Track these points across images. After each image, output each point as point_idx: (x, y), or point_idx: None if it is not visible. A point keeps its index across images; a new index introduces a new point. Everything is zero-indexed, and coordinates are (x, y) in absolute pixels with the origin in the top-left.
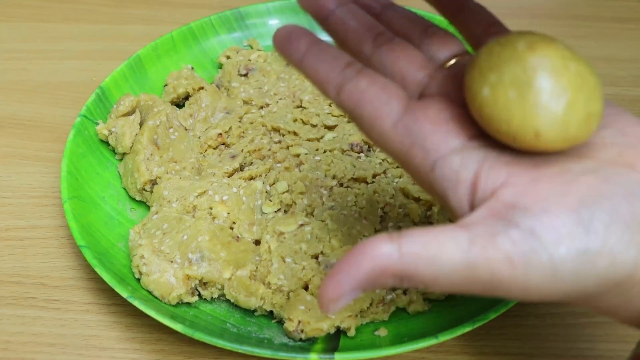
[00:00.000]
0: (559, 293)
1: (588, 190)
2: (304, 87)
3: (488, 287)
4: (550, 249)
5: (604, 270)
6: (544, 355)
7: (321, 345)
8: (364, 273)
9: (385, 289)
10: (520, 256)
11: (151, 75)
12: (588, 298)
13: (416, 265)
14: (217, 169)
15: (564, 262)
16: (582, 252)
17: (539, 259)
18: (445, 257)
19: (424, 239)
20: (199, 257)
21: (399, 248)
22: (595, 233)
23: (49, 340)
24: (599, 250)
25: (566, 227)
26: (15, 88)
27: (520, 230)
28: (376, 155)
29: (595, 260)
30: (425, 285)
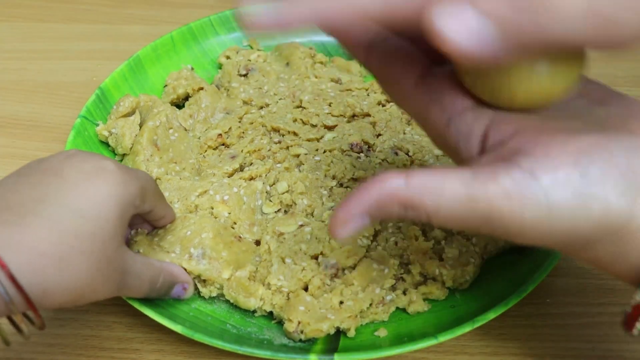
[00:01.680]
0: (555, 235)
1: (588, 142)
2: (303, 87)
3: (486, 221)
4: (547, 189)
5: (598, 216)
6: (544, 355)
7: (321, 345)
8: (373, 198)
9: (391, 218)
10: (518, 192)
11: (151, 75)
12: (584, 246)
13: (421, 195)
14: (217, 169)
15: (559, 203)
16: (578, 195)
17: (535, 197)
18: (449, 189)
19: (430, 173)
20: (200, 254)
21: (407, 179)
22: (592, 179)
23: (49, 340)
24: (594, 194)
25: (564, 171)
26: (15, 88)
27: (521, 170)
28: (376, 156)
29: (590, 204)
30: (428, 216)
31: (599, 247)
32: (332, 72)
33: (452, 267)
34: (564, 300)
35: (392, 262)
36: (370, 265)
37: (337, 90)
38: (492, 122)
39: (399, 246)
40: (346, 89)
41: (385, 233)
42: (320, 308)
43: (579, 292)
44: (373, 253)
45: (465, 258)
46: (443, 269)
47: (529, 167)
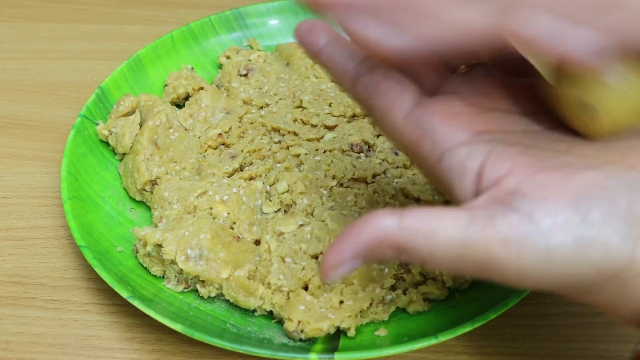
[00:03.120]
0: (554, 280)
1: (588, 182)
2: (304, 87)
3: (483, 267)
4: (546, 234)
5: (599, 260)
6: (544, 355)
7: (321, 345)
8: (365, 241)
9: (384, 262)
10: (516, 238)
11: (151, 75)
12: (585, 290)
13: (415, 239)
14: (217, 169)
15: (559, 248)
16: (578, 239)
17: (534, 242)
18: (444, 233)
19: (424, 215)
20: (197, 255)
21: (400, 221)
22: (592, 222)
23: (49, 341)
24: (594, 239)
25: (563, 215)
26: (15, 88)
27: (518, 214)
28: (376, 156)
29: (590, 248)
30: (422, 261)
31: (600, 291)
32: None
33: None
34: (564, 300)
35: (392, 262)
36: (370, 265)
37: (338, 91)
38: (487, 158)
39: None
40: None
41: None
42: (321, 307)
43: None
44: None
45: None
46: None
47: (526, 211)
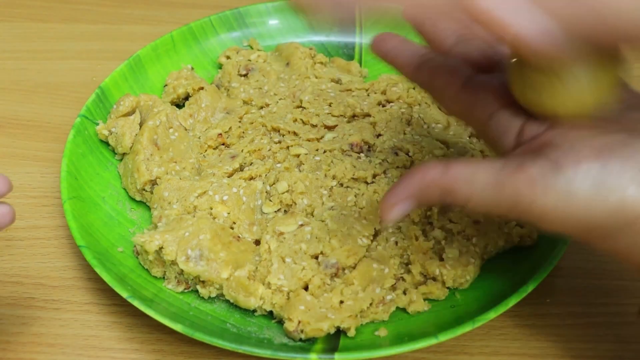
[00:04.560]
0: (574, 222)
1: (613, 140)
2: (304, 87)
3: (513, 206)
4: (567, 177)
5: (614, 206)
6: (544, 355)
7: (321, 345)
8: (416, 183)
9: (433, 204)
10: (541, 179)
11: (151, 75)
12: (603, 235)
13: (456, 181)
14: (217, 169)
15: (578, 191)
16: (596, 185)
17: (556, 184)
18: (481, 176)
19: (467, 162)
20: (197, 255)
21: (445, 167)
22: (610, 171)
23: (49, 341)
24: (611, 185)
25: (586, 162)
26: (15, 88)
27: (547, 159)
28: (376, 156)
29: (607, 193)
30: (463, 201)
31: (618, 238)
32: (332, 73)
33: (453, 267)
34: (564, 300)
35: (392, 262)
36: (371, 265)
37: (337, 91)
38: (528, 119)
39: (399, 246)
40: (346, 89)
41: (386, 233)
42: (321, 307)
43: (579, 292)
44: (373, 253)
45: (466, 258)
46: (443, 269)
47: (554, 158)
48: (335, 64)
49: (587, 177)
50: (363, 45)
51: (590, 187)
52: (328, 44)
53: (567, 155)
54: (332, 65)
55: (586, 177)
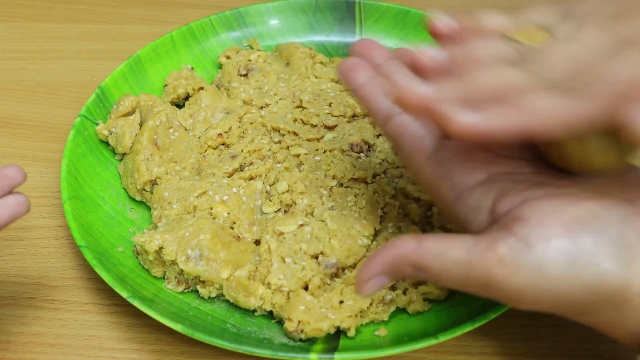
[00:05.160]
0: (552, 300)
1: (584, 211)
2: (304, 87)
3: (483, 285)
4: (539, 257)
5: (592, 281)
6: (544, 355)
7: (321, 345)
8: (389, 259)
9: (406, 279)
10: (511, 258)
11: (151, 75)
12: (582, 311)
13: (428, 258)
14: (217, 169)
15: (552, 270)
16: (569, 260)
17: (528, 263)
18: (452, 255)
19: (439, 238)
20: (197, 255)
21: (418, 243)
22: (583, 245)
23: (49, 341)
24: (585, 260)
25: (556, 238)
26: (15, 88)
27: (516, 237)
28: (376, 156)
29: (582, 269)
30: (434, 278)
31: (598, 313)
32: (332, 72)
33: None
34: None
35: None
36: None
37: (337, 91)
38: (499, 195)
39: None
40: (346, 89)
41: (385, 233)
42: (321, 307)
43: None
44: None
45: None
46: None
47: (524, 235)
48: (335, 64)
49: (559, 255)
50: None
51: (563, 263)
52: (328, 44)
53: (537, 232)
54: (332, 65)
55: (558, 256)
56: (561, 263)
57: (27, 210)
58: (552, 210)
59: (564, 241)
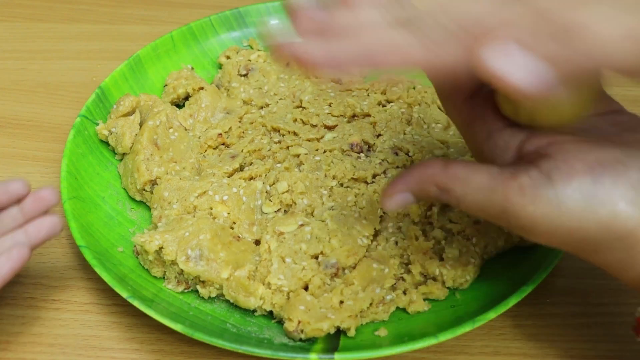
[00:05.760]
0: (564, 235)
1: (607, 156)
2: (304, 87)
3: (501, 212)
4: (559, 191)
5: (606, 219)
6: (544, 355)
7: (321, 345)
8: (416, 177)
9: (430, 199)
10: (531, 188)
11: (151, 75)
12: (594, 248)
13: (453, 180)
14: (217, 169)
15: (569, 204)
16: (587, 199)
17: (546, 193)
18: (476, 179)
19: (465, 164)
20: (197, 255)
21: (445, 165)
22: (602, 185)
23: (49, 340)
24: (602, 200)
25: (578, 176)
26: (15, 88)
27: (539, 171)
28: (376, 156)
29: (597, 207)
30: (457, 200)
31: (609, 252)
32: None
33: (452, 267)
34: (564, 300)
35: (392, 262)
36: (371, 265)
37: (337, 90)
38: (527, 137)
39: (399, 246)
40: (346, 89)
41: (386, 233)
42: (321, 307)
43: (579, 292)
44: (373, 253)
45: (466, 258)
46: (443, 269)
47: (546, 169)
48: None
49: (578, 191)
50: None
51: (580, 200)
52: None
53: (560, 167)
54: None
55: (577, 191)
56: (579, 199)
57: (60, 230)
58: (578, 151)
59: (585, 179)
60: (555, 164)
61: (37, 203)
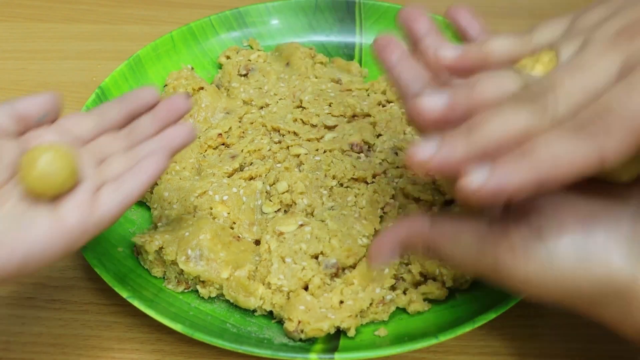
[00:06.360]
0: (559, 292)
1: (598, 206)
2: (304, 87)
3: (493, 271)
4: (550, 248)
5: (601, 276)
6: (544, 355)
7: (321, 345)
8: (402, 234)
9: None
10: (522, 248)
11: (151, 75)
12: (590, 304)
13: (440, 239)
14: (217, 169)
15: (561, 262)
16: (580, 256)
17: (538, 253)
18: (464, 238)
19: (452, 220)
20: (197, 255)
21: (432, 223)
22: (595, 240)
23: (49, 340)
24: (596, 257)
25: (569, 232)
26: (15, 88)
27: (529, 227)
28: (376, 156)
29: (591, 263)
30: (445, 258)
31: (605, 307)
32: (332, 73)
33: (453, 267)
34: None
35: (392, 262)
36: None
37: (337, 91)
38: None
39: None
40: (346, 89)
41: None
42: (321, 307)
43: None
44: None
45: None
46: (443, 269)
47: (537, 225)
48: (335, 64)
49: (570, 247)
50: (363, 45)
51: (574, 257)
52: (328, 44)
53: (550, 224)
54: (332, 65)
55: (569, 247)
56: (572, 257)
57: (195, 137)
58: (567, 203)
59: (577, 235)
60: (545, 219)
61: (170, 111)
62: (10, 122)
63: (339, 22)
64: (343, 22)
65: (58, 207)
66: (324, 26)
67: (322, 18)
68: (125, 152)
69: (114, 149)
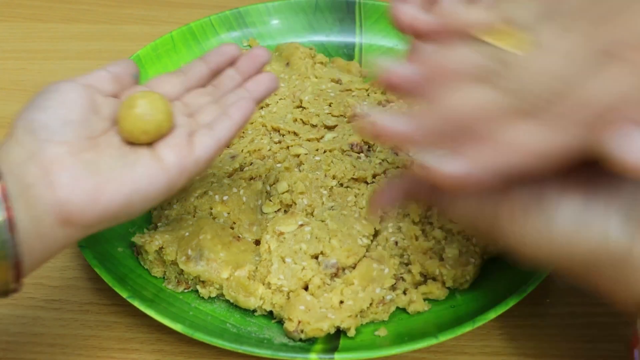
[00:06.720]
0: (554, 253)
1: (601, 178)
2: (304, 87)
3: (490, 226)
4: (549, 212)
5: (597, 244)
6: (544, 355)
7: (321, 345)
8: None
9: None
10: (521, 209)
11: (151, 75)
12: (586, 270)
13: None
14: (217, 169)
15: (559, 224)
16: (577, 222)
17: (536, 216)
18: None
19: None
20: (197, 255)
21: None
22: (594, 209)
23: (49, 340)
24: (594, 224)
25: (570, 200)
26: (15, 88)
27: (530, 191)
28: (376, 156)
29: (589, 231)
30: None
31: (600, 273)
32: (332, 73)
33: (453, 267)
34: (564, 300)
35: (392, 262)
36: (371, 265)
37: (337, 91)
38: None
39: (399, 246)
40: (346, 89)
41: (386, 233)
42: (321, 307)
43: (578, 292)
44: (373, 253)
45: (466, 258)
46: (443, 269)
47: (538, 191)
48: (335, 64)
49: (569, 215)
50: (363, 45)
51: (572, 224)
52: (328, 44)
53: (551, 189)
54: (332, 65)
55: (568, 215)
56: (570, 224)
57: (278, 85)
58: (569, 172)
59: (577, 204)
60: (547, 186)
61: (252, 62)
62: (107, 83)
63: (339, 22)
64: (343, 22)
65: (156, 149)
66: (324, 26)
67: (322, 18)
68: (213, 103)
69: (202, 103)
